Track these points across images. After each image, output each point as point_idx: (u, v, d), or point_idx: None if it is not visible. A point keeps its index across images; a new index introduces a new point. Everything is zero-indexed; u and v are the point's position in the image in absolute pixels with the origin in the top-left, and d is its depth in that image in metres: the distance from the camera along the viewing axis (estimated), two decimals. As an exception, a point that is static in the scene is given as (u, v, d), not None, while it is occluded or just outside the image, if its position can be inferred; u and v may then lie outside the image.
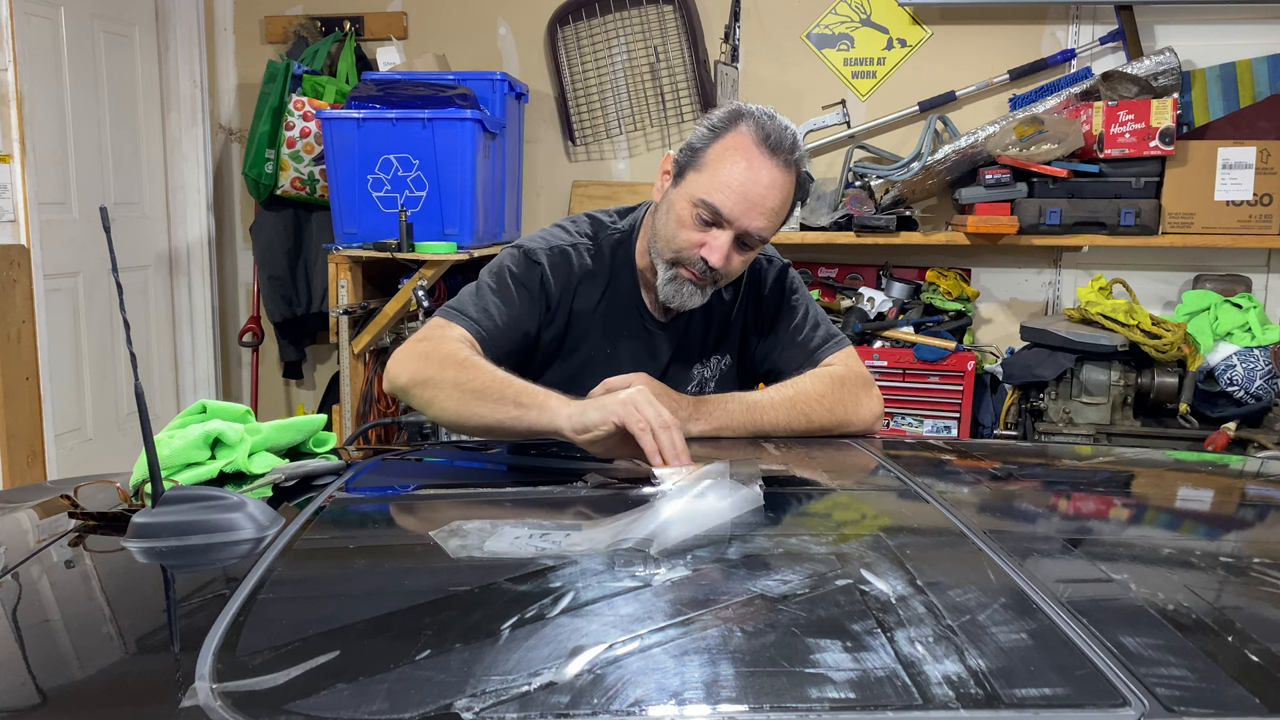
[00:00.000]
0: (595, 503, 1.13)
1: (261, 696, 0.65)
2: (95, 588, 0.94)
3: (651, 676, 0.66)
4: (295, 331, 3.95)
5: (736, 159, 1.43)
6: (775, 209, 1.46)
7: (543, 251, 1.57)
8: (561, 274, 1.57)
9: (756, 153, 1.43)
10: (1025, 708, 0.62)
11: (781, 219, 1.50)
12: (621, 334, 1.62)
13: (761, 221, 1.45)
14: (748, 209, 1.43)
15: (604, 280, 1.60)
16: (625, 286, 1.61)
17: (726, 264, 1.47)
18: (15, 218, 2.96)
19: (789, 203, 1.49)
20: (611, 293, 1.61)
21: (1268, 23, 3.37)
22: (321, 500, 1.10)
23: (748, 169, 1.42)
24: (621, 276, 1.61)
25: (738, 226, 1.44)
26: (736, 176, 1.43)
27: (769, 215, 1.45)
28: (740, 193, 1.43)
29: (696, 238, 1.46)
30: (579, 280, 1.58)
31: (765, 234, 1.47)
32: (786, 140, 1.44)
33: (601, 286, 1.60)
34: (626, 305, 1.62)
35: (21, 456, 3.00)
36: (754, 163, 1.43)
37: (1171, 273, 3.53)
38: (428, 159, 3.14)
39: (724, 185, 1.43)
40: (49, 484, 1.51)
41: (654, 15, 3.73)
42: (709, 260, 1.45)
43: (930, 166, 3.36)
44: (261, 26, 4.00)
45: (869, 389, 1.57)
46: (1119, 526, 1.13)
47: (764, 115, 1.45)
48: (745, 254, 1.50)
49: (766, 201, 1.44)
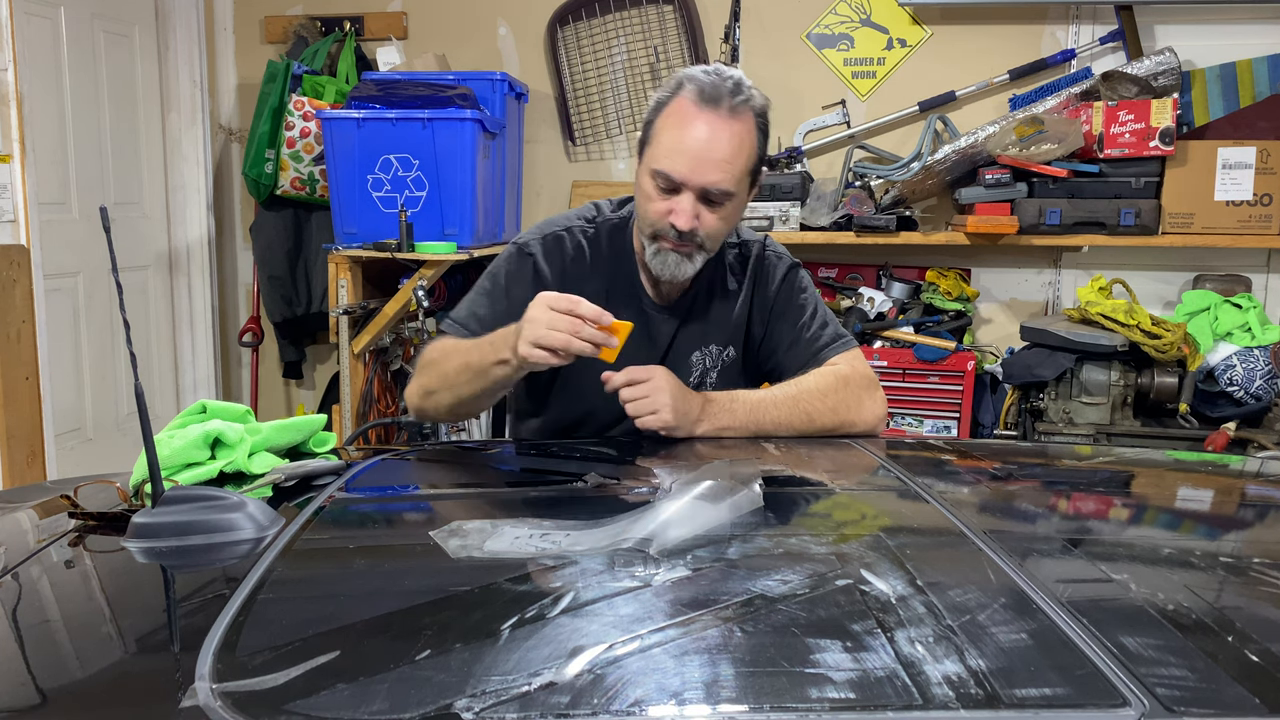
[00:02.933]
0: (595, 503, 1.13)
1: (261, 696, 0.65)
2: (95, 588, 0.94)
3: (651, 676, 0.66)
4: (295, 331, 3.95)
5: (679, 122, 1.47)
6: (726, 159, 1.46)
7: (535, 241, 1.62)
8: (556, 258, 1.62)
9: (696, 110, 1.46)
10: (1025, 708, 0.62)
11: (742, 166, 1.49)
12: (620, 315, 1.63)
13: (715, 175, 1.46)
14: (696, 166, 1.46)
15: (602, 262, 1.63)
16: (625, 270, 1.64)
17: (698, 225, 1.49)
18: (15, 218, 2.96)
19: (747, 148, 1.49)
20: (610, 275, 1.64)
21: (1268, 23, 3.37)
22: (321, 500, 1.10)
23: (690, 128, 1.46)
24: (621, 260, 1.64)
25: (693, 186, 1.47)
26: (680, 139, 1.46)
27: (721, 167, 1.46)
28: (686, 153, 1.46)
29: (663, 207, 1.50)
30: (574, 260, 1.62)
31: (724, 185, 1.47)
32: (725, 89, 1.47)
33: (600, 268, 1.63)
34: (625, 288, 1.64)
35: (21, 456, 3.00)
36: (695, 121, 1.46)
37: (1171, 273, 3.53)
38: (428, 159, 3.14)
39: (670, 150, 1.47)
40: (49, 484, 1.51)
41: (654, 15, 3.73)
42: (677, 225, 1.48)
43: (930, 166, 3.36)
44: (261, 26, 4.00)
45: (873, 390, 1.58)
46: (1119, 527, 1.13)
47: (703, 73, 1.49)
48: (717, 211, 1.50)
49: (713, 154, 1.45)
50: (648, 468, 1.29)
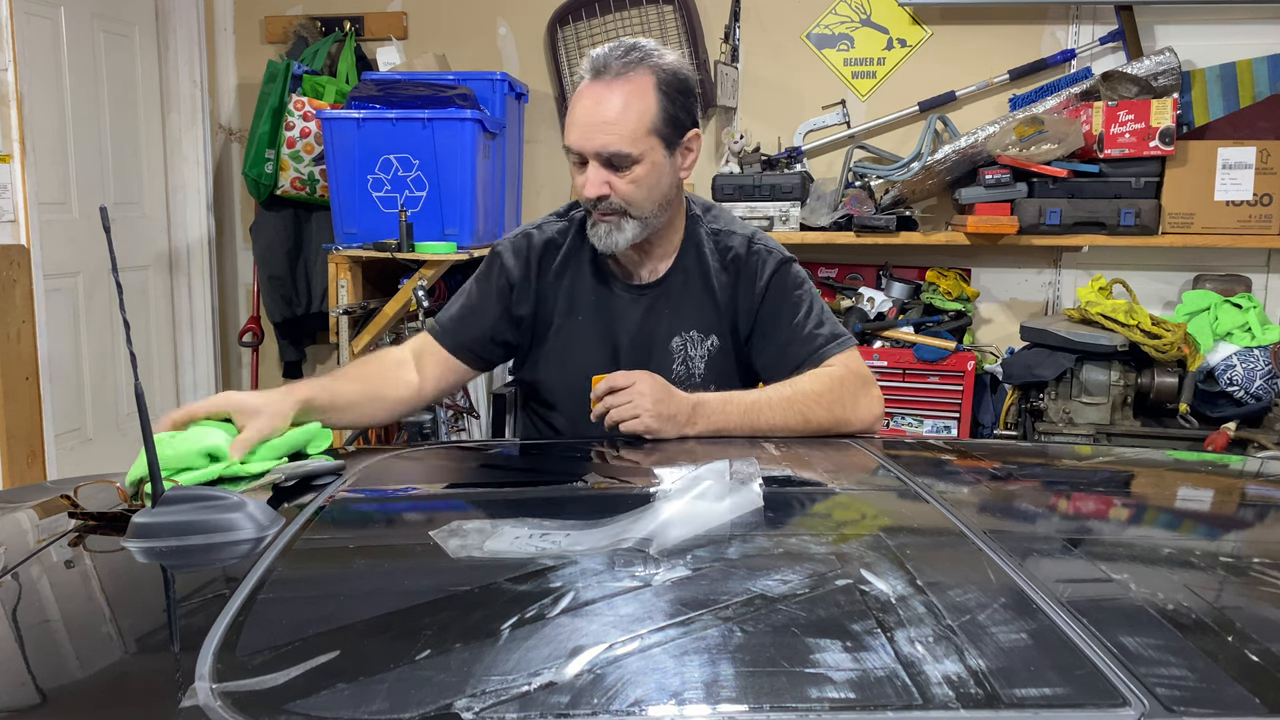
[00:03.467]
0: (595, 503, 1.13)
1: (261, 696, 0.65)
2: (95, 588, 0.94)
3: (651, 676, 0.66)
4: (295, 331, 3.95)
5: (576, 100, 1.56)
6: (611, 120, 1.50)
7: (507, 241, 1.71)
8: (521, 255, 1.68)
9: (587, 84, 1.54)
10: (1025, 708, 0.62)
11: (633, 125, 1.51)
12: (590, 299, 1.68)
13: (603, 138, 1.51)
14: (585, 133, 1.52)
15: (571, 250, 1.68)
16: (595, 256, 1.67)
17: (609, 191, 1.53)
18: (15, 218, 2.96)
19: (637, 107, 1.52)
20: (579, 261, 1.68)
21: (1268, 23, 3.37)
22: (321, 500, 1.10)
23: (580, 101, 1.54)
24: (591, 247, 1.66)
25: (589, 152, 1.53)
26: (575, 112, 1.55)
27: (606, 129, 1.51)
28: (576, 124, 1.54)
29: (579, 180, 1.57)
30: (542, 253, 1.68)
31: (616, 146, 1.51)
32: (614, 57, 1.53)
33: (569, 255, 1.68)
34: (596, 273, 1.68)
35: (21, 456, 3.00)
36: (586, 93, 1.54)
37: (1171, 273, 3.53)
38: (428, 159, 3.14)
39: (569, 126, 1.56)
40: (49, 484, 1.51)
41: (654, 15, 3.73)
42: (586, 194, 1.55)
43: (930, 166, 3.36)
44: (261, 26, 4.00)
45: (869, 389, 1.57)
46: (1119, 527, 1.13)
47: (600, 50, 1.56)
48: (624, 175, 1.53)
49: (598, 118, 1.51)
50: (648, 468, 1.29)
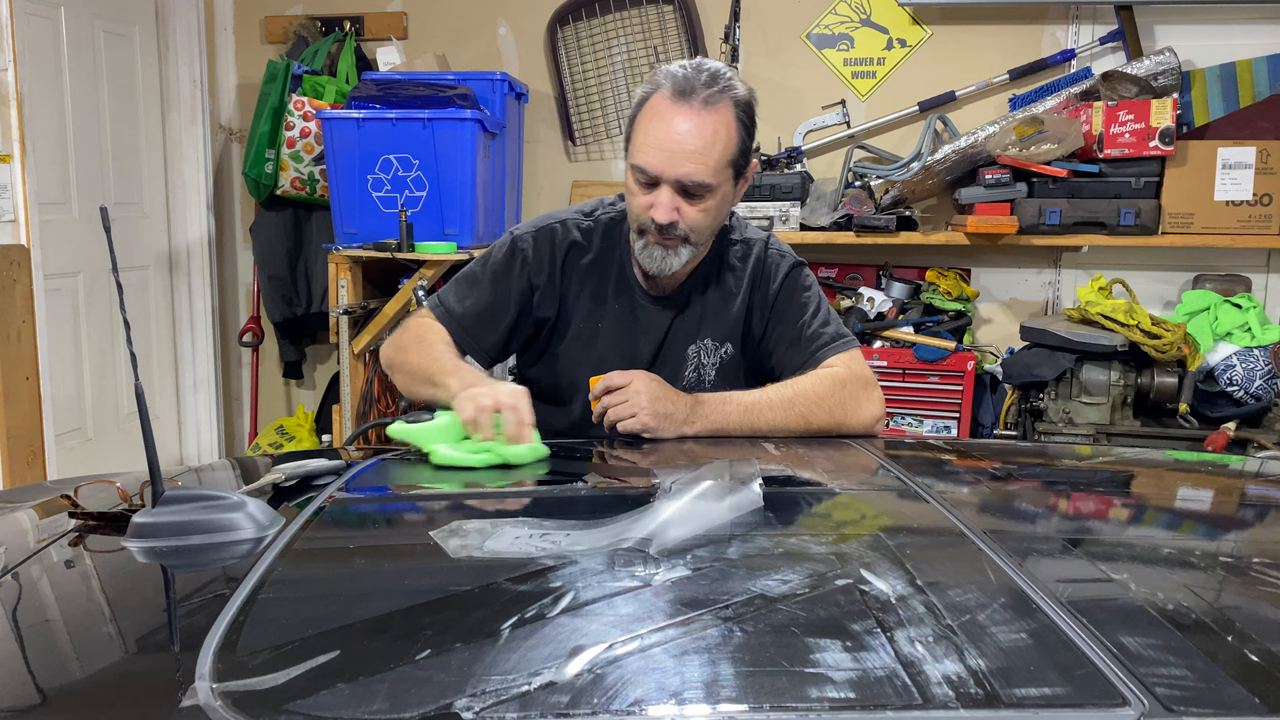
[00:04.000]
0: (595, 503, 1.13)
1: (261, 696, 0.65)
2: (95, 588, 0.94)
3: (651, 676, 0.66)
4: (295, 331, 3.95)
5: (653, 118, 1.49)
6: (700, 149, 1.47)
7: (528, 234, 1.65)
8: (545, 252, 1.64)
9: (669, 104, 1.47)
10: (1025, 708, 0.62)
11: (718, 157, 1.49)
12: (613, 307, 1.67)
13: (689, 166, 1.47)
14: (669, 159, 1.47)
15: (596, 254, 1.65)
16: (619, 261, 1.66)
17: (677, 218, 1.50)
18: (15, 218, 2.96)
19: (723, 138, 1.48)
20: (603, 266, 1.66)
21: (1268, 23, 3.37)
22: (321, 500, 1.10)
23: (663, 122, 1.47)
24: (616, 252, 1.65)
25: (668, 178, 1.48)
26: (654, 133, 1.48)
27: (693, 159, 1.47)
28: (659, 146, 1.47)
29: (644, 201, 1.52)
30: (566, 254, 1.65)
31: (699, 177, 1.48)
32: (699, 81, 1.47)
33: (593, 259, 1.65)
34: (619, 280, 1.66)
35: (21, 456, 3.00)
36: (668, 114, 1.47)
37: (1171, 273, 3.53)
38: (428, 159, 3.14)
39: (645, 145, 1.49)
40: (49, 484, 1.51)
41: (654, 15, 3.73)
42: (656, 219, 1.50)
43: (930, 166, 3.36)
44: (261, 26, 4.00)
45: (870, 391, 1.57)
46: (1119, 527, 1.13)
47: (679, 68, 1.50)
48: (697, 204, 1.51)
49: (686, 146, 1.46)
50: (648, 468, 1.30)
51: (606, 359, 1.63)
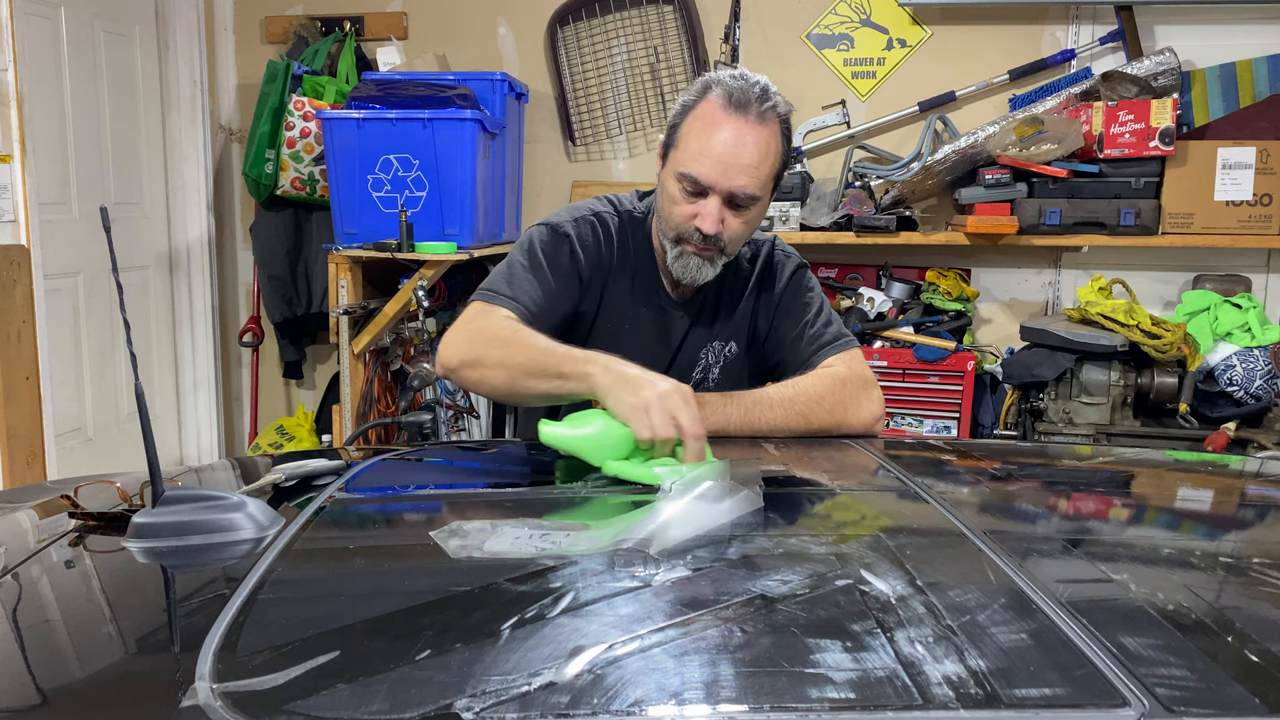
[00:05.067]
0: (595, 503, 1.13)
1: (261, 696, 0.65)
2: (95, 588, 0.94)
3: (651, 677, 0.66)
4: (295, 331, 3.95)
5: (707, 126, 1.46)
6: (754, 164, 1.46)
7: (569, 224, 1.61)
8: (591, 244, 1.61)
9: (724, 115, 1.45)
10: (1025, 708, 0.62)
11: (768, 171, 1.49)
12: (641, 309, 1.66)
13: (743, 179, 1.46)
14: (725, 170, 1.45)
15: (627, 252, 1.64)
16: (644, 263, 1.65)
17: (723, 229, 1.49)
18: (15, 218, 2.96)
19: (773, 153, 1.48)
20: (634, 267, 1.64)
21: (1268, 23, 3.37)
22: (321, 500, 1.10)
23: (718, 132, 1.45)
24: (642, 253, 1.65)
25: (721, 190, 1.47)
26: (709, 142, 1.45)
27: (749, 171, 1.46)
28: (715, 156, 1.45)
29: (688, 210, 1.49)
30: (606, 249, 1.62)
31: (751, 190, 1.47)
32: (754, 95, 1.46)
33: (625, 258, 1.64)
34: (646, 281, 1.65)
35: (21, 456, 3.00)
36: (724, 125, 1.45)
37: (1171, 273, 3.53)
38: (428, 159, 3.14)
39: (698, 153, 1.46)
40: (49, 484, 1.51)
41: (654, 15, 3.73)
42: (703, 229, 1.48)
43: (930, 166, 3.36)
44: (261, 26, 4.00)
45: (870, 391, 1.58)
46: (1119, 527, 1.13)
47: (730, 78, 1.48)
48: (741, 215, 1.50)
49: (742, 159, 1.45)
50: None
51: (632, 359, 1.62)
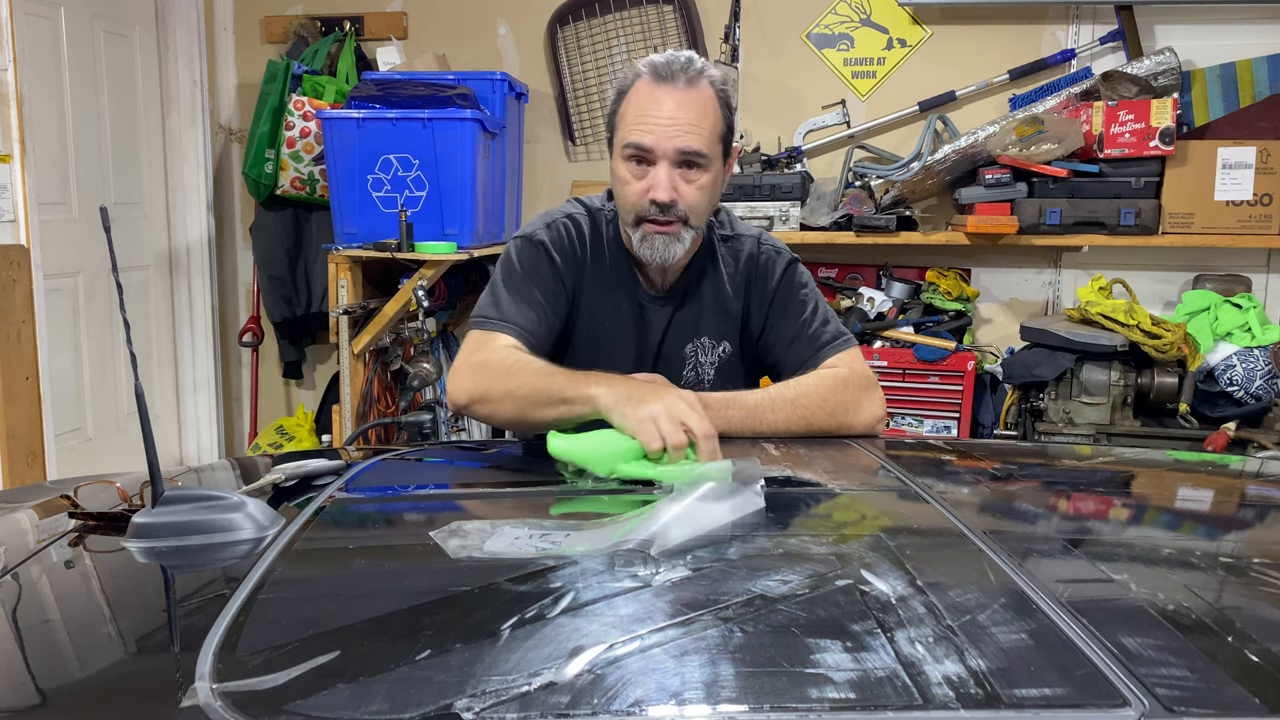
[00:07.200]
0: (596, 503, 1.13)
1: (261, 696, 0.65)
2: (95, 588, 0.94)
3: (651, 677, 0.66)
4: (295, 331, 3.95)
5: (641, 100, 1.50)
6: (693, 121, 1.48)
7: (542, 230, 1.63)
8: (566, 247, 1.62)
9: (654, 86, 1.50)
10: (1025, 708, 0.62)
11: (709, 129, 1.50)
12: (620, 306, 1.66)
13: (685, 138, 1.48)
14: (665, 130, 1.48)
15: (599, 252, 1.65)
16: (619, 259, 1.65)
17: (676, 196, 1.50)
18: (15, 218, 2.96)
19: (711, 114, 1.51)
20: (608, 265, 1.65)
21: (1268, 23, 3.37)
22: (321, 500, 1.10)
23: (653, 101, 1.49)
24: (614, 251, 1.65)
25: (666, 152, 1.49)
26: (646, 110, 1.49)
27: (689, 130, 1.48)
28: (652, 121, 1.48)
29: (640, 186, 1.52)
30: (580, 250, 1.63)
31: (695, 145, 1.48)
32: (678, 64, 1.50)
33: (597, 258, 1.65)
34: (620, 279, 1.65)
35: (21, 456, 3.00)
36: (654, 95, 1.49)
37: (1171, 273, 3.53)
38: (428, 159, 3.14)
39: (636, 122, 1.50)
40: (49, 484, 1.51)
41: (654, 15, 3.73)
42: (657, 198, 1.50)
43: (930, 166, 3.36)
44: (261, 26, 4.00)
45: (871, 391, 1.57)
46: (1119, 527, 1.13)
47: (656, 57, 1.52)
48: (694, 181, 1.51)
49: (680, 118, 1.48)
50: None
51: (614, 358, 1.62)
